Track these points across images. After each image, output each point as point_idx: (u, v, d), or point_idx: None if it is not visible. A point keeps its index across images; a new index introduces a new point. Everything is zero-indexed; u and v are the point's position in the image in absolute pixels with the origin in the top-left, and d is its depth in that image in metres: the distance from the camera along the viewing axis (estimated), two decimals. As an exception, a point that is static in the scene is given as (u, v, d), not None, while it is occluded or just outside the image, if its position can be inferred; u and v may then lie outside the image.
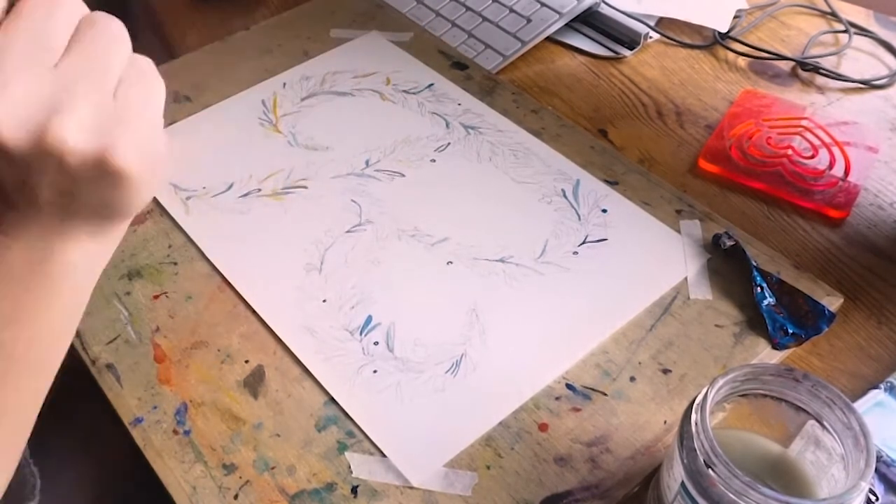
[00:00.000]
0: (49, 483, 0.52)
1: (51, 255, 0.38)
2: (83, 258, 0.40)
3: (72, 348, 0.55)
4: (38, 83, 0.33)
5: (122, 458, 0.46)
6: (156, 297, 0.57)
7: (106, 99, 0.35)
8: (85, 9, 0.36)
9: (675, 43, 0.81)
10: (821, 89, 0.75)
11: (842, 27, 0.80)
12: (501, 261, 0.58)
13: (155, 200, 0.64)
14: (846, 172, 0.65)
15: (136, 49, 0.37)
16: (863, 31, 0.80)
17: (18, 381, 0.40)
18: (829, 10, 0.83)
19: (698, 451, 0.38)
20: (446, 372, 0.52)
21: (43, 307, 0.39)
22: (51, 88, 0.34)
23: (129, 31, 0.37)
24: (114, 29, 0.36)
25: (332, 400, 0.51)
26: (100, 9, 0.37)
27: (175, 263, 0.59)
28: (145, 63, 0.37)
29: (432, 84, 0.73)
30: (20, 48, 0.33)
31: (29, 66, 0.33)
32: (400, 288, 0.57)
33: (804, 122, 0.69)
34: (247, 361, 0.54)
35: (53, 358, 0.41)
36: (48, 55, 0.34)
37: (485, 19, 0.82)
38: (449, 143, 0.67)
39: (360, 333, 0.54)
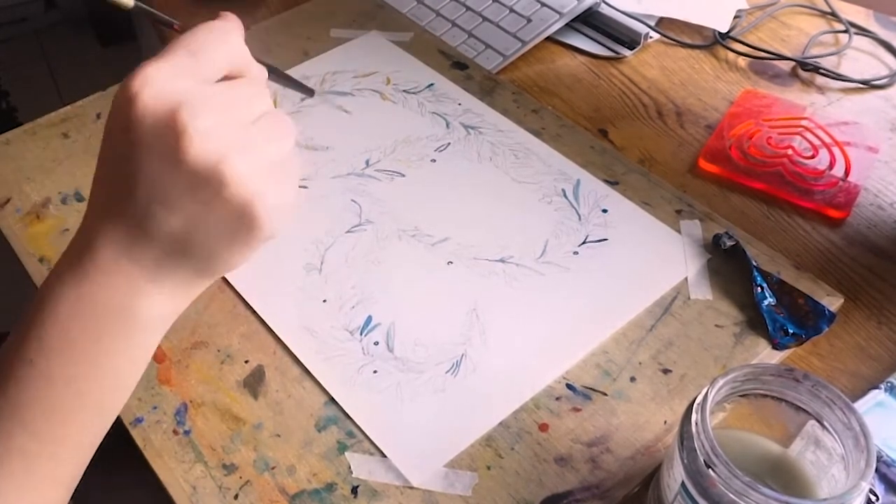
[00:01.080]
0: None
1: (136, 307, 0.39)
2: (160, 316, 0.41)
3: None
4: (228, 120, 0.36)
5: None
6: (156, 297, 0.57)
7: (274, 154, 0.38)
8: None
9: (675, 43, 0.81)
10: (821, 89, 0.75)
11: (842, 27, 0.80)
12: (502, 261, 0.58)
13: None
14: (846, 172, 0.65)
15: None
16: (863, 31, 0.80)
17: (85, 418, 0.40)
18: (829, 10, 0.83)
19: (698, 452, 0.38)
20: (446, 372, 0.52)
21: (119, 352, 0.40)
22: (237, 127, 0.37)
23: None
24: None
25: (332, 400, 0.51)
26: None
27: (175, 263, 0.59)
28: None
29: (432, 84, 0.73)
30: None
31: (220, 106, 0.36)
32: (400, 288, 0.57)
33: (804, 122, 0.69)
34: (247, 361, 0.54)
35: (117, 403, 0.42)
36: (208, 72, 0.38)
37: (485, 19, 0.82)
38: (449, 143, 0.67)
39: (361, 333, 0.54)
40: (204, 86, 0.36)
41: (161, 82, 0.35)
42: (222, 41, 0.39)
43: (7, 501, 0.39)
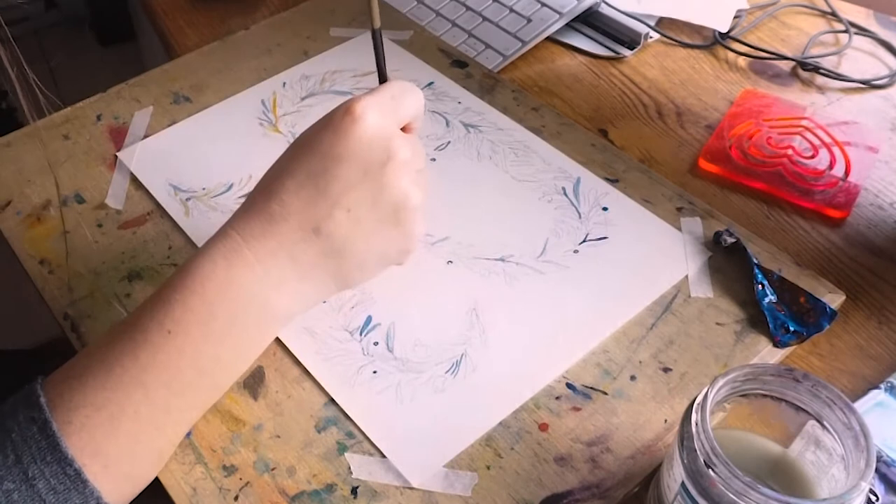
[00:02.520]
0: None
1: (277, 300, 0.45)
2: (291, 314, 0.47)
3: (71, 350, 0.55)
4: (416, 160, 0.47)
5: None
6: (156, 297, 0.57)
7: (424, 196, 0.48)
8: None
9: (675, 43, 0.81)
10: (821, 89, 0.75)
11: (842, 27, 0.80)
12: (502, 260, 0.58)
13: (154, 202, 0.64)
14: (846, 172, 0.65)
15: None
16: (863, 31, 0.80)
17: (199, 393, 0.45)
18: (829, 9, 0.82)
19: (698, 452, 0.38)
20: (446, 372, 0.52)
21: (248, 339, 0.45)
22: (419, 168, 0.47)
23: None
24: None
25: (332, 401, 0.51)
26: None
27: (175, 265, 0.59)
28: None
29: (432, 82, 0.73)
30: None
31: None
32: (400, 288, 0.57)
33: (804, 122, 0.69)
34: (247, 362, 0.54)
35: (227, 385, 0.47)
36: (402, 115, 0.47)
37: (485, 19, 0.82)
38: (449, 142, 0.67)
39: (360, 334, 0.54)
40: (399, 128, 0.46)
41: (378, 113, 0.44)
42: (414, 98, 0.47)
43: (108, 459, 0.41)
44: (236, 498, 0.47)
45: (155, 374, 0.42)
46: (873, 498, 0.43)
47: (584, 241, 0.59)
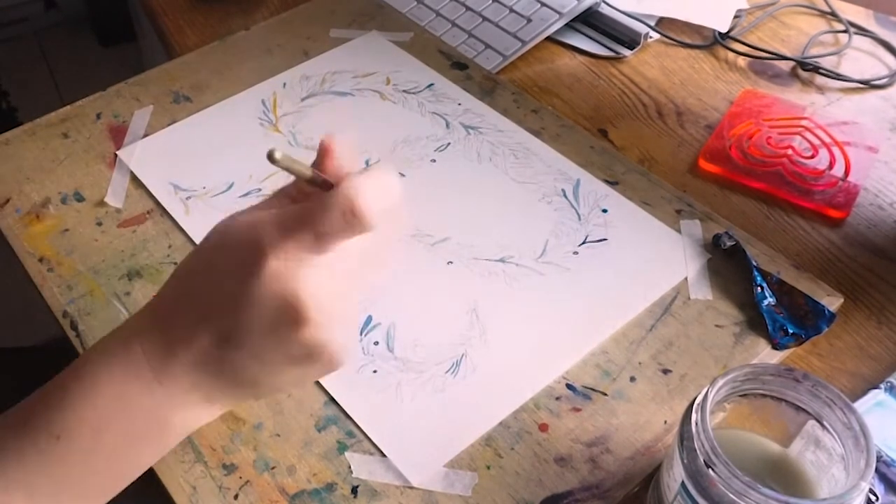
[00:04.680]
0: None
1: (179, 419, 0.40)
2: (196, 425, 0.42)
3: (71, 349, 0.55)
4: (317, 271, 0.37)
5: None
6: (156, 297, 0.57)
7: (355, 292, 0.40)
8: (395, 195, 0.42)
9: (675, 43, 0.81)
10: (821, 89, 0.75)
11: (842, 27, 0.80)
12: (502, 261, 0.58)
13: (154, 200, 0.64)
14: (846, 172, 0.65)
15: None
16: (863, 31, 0.80)
17: (89, 499, 0.41)
18: (829, 10, 0.83)
19: (698, 451, 0.38)
20: (446, 372, 0.52)
21: (144, 453, 0.41)
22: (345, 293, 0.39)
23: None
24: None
25: (332, 400, 0.51)
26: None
27: (175, 263, 0.59)
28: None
29: (432, 84, 0.73)
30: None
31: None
32: (400, 288, 0.57)
33: (804, 122, 0.69)
34: (247, 361, 0.53)
35: (119, 489, 0.42)
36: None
37: (485, 19, 0.82)
38: (449, 143, 0.67)
39: (361, 333, 0.54)
40: (323, 266, 0.37)
41: (287, 257, 0.36)
42: (352, 225, 0.38)
43: None
44: (236, 497, 0.47)
45: (41, 481, 0.39)
46: (873, 498, 0.43)
47: (583, 242, 0.59)
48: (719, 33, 0.80)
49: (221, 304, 0.38)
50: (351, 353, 0.42)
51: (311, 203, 0.37)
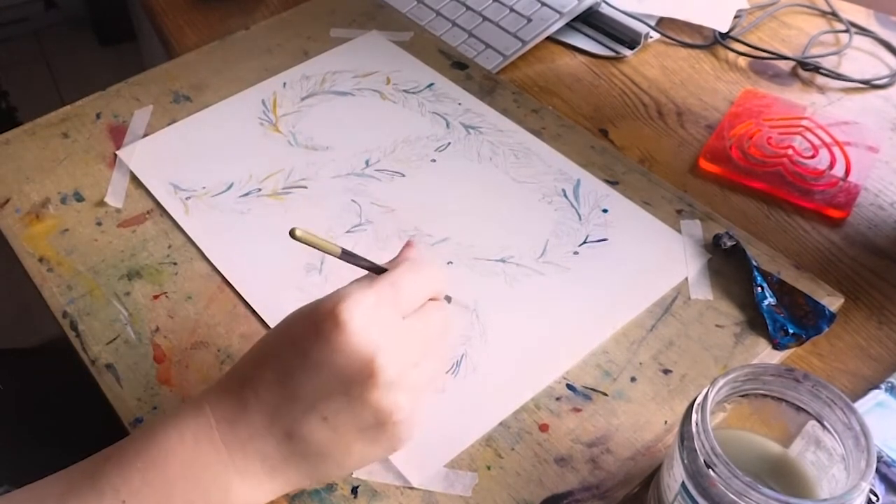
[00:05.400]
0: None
1: (241, 492, 0.40)
2: (255, 501, 0.42)
3: (72, 349, 0.55)
4: (414, 366, 0.41)
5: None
6: (156, 297, 0.57)
7: (432, 383, 0.43)
8: (443, 288, 0.44)
9: (675, 43, 0.81)
10: (821, 89, 0.75)
11: (842, 27, 0.80)
12: (502, 261, 0.58)
13: (154, 200, 0.64)
14: (846, 172, 0.65)
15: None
16: (863, 31, 0.80)
17: None
18: (829, 9, 0.83)
19: (699, 452, 0.38)
20: (446, 372, 0.52)
21: None
22: (418, 371, 0.41)
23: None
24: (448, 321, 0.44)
25: (333, 400, 0.51)
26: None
27: (175, 263, 0.59)
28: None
29: (432, 84, 0.73)
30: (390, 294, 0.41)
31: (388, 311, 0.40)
32: (400, 288, 0.57)
33: (804, 122, 0.69)
34: (247, 361, 0.53)
35: None
36: (407, 305, 0.41)
37: (485, 19, 0.82)
38: (449, 143, 0.67)
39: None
40: (400, 326, 0.40)
41: (366, 316, 0.39)
42: (423, 279, 0.43)
43: None
44: None
45: None
46: (873, 498, 0.43)
47: (584, 242, 0.59)
48: (720, 33, 0.80)
49: (296, 364, 0.39)
50: (417, 433, 0.43)
51: (385, 273, 0.42)
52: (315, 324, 0.39)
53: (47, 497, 0.40)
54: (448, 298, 0.49)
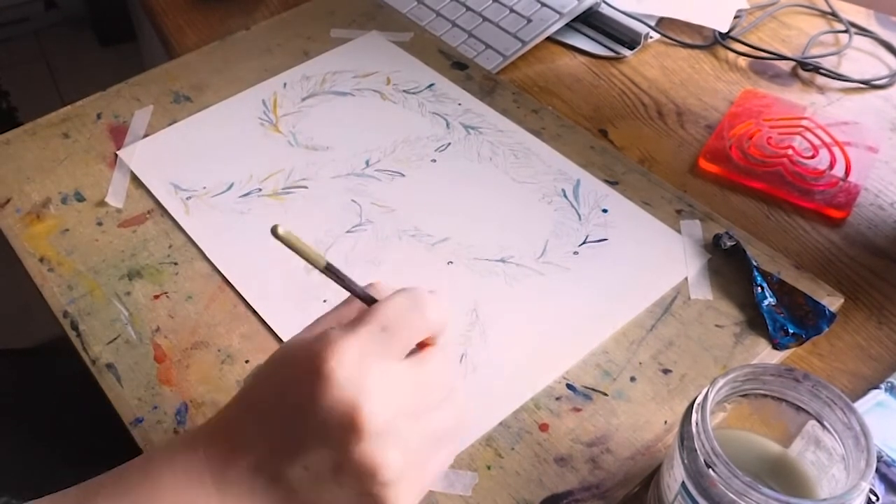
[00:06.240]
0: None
1: None
2: None
3: (72, 349, 0.55)
4: (405, 416, 0.36)
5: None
6: (156, 297, 0.57)
7: (435, 447, 0.38)
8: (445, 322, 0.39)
9: (675, 43, 0.81)
10: (821, 89, 0.75)
11: (842, 27, 0.80)
12: (502, 261, 0.58)
13: (154, 200, 0.64)
14: (846, 172, 0.65)
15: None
16: (863, 31, 0.80)
17: None
18: (829, 10, 0.83)
19: (699, 452, 0.38)
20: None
21: None
22: (411, 423, 0.37)
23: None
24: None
25: (333, 400, 0.51)
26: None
27: (175, 263, 0.59)
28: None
29: (432, 84, 0.73)
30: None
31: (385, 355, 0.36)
32: (400, 288, 0.57)
33: (804, 122, 0.69)
34: (247, 361, 0.54)
35: None
36: (399, 348, 0.37)
37: (485, 19, 0.82)
38: (449, 143, 0.67)
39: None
40: (390, 372, 0.36)
41: (351, 365, 0.35)
42: (416, 316, 0.38)
43: None
44: None
45: None
46: (873, 498, 0.43)
47: (583, 242, 0.59)
48: (719, 33, 0.80)
49: (278, 411, 0.38)
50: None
51: (376, 305, 0.37)
52: (299, 371, 0.37)
53: None
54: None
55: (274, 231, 0.35)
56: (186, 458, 0.39)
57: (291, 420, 0.37)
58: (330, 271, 0.38)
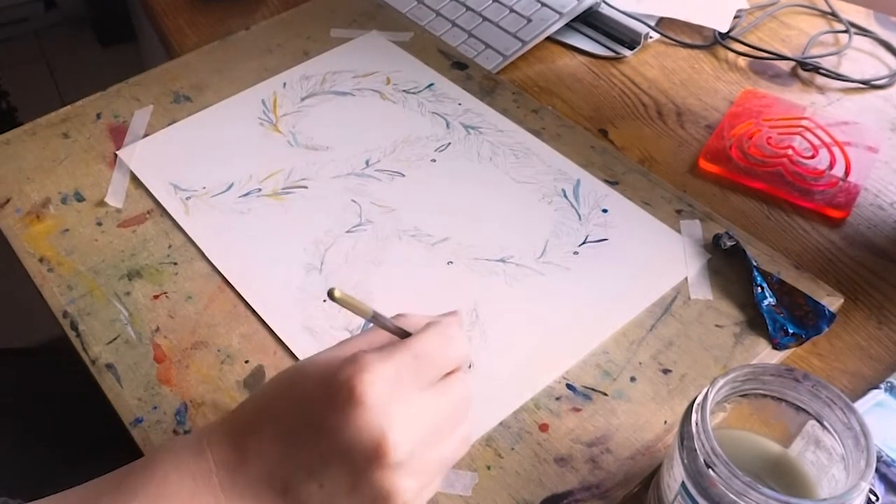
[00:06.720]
0: None
1: None
2: None
3: (72, 349, 0.55)
4: (428, 448, 0.38)
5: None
6: (156, 297, 0.57)
7: (443, 467, 0.39)
8: (466, 358, 0.41)
9: (675, 43, 0.81)
10: (821, 89, 0.75)
11: (842, 27, 0.80)
12: (502, 261, 0.58)
13: (154, 200, 0.64)
14: (846, 172, 0.65)
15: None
16: (863, 31, 0.80)
17: None
18: (829, 10, 0.83)
19: (699, 452, 0.38)
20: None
21: None
22: (431, 454, 0.38)
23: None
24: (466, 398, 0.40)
25: (333, 400, 0.51)
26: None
27: (175, 263, 0.59)
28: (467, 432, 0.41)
29: (432, 84, 0.73)
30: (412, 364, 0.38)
31: (416, 381, 0.38)
32: (400, 288, 0.57)
33: (804, 122, 0.69)
34: (247, 361, 0.54)
35: None
36: (429, 378, 0.38)
37: (485, 19, 0.82)
38: (449, 143, 0.67)
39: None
40: (417, 402, 0.37)
41: (384, 390, 0.36)
42: (447, 351, 0.39)
43: None
44: None
45: None
46: (873, 498, 0.43)
47: (583, 242, 0.59)
48: (719, 33, 0.80)
49: (301, 426, 0.37)
50: None
51: (409, 337, 0.38)
52: (328, 390, 0.37)
53: None
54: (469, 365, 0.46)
55: (331, 295, 0.36)
56: (194, 462, 0.39)
57: (315, 436, 0.37)
58: (376, 318, 0.39)
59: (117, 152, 0.67)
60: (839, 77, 0.75)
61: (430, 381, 0.38)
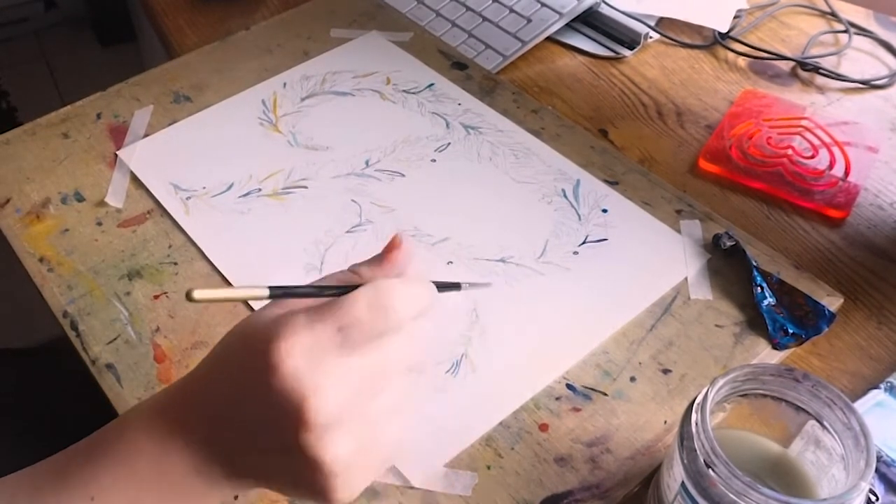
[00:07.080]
0: None
1: (205, 488, 0.39)
2: (225, 497, 0.41)
3: (72, 349, 0.55)
4: (352, 410, 0.36)
5: None
6: (156, 297, 0.57)
7: (381, 436, 0.38)
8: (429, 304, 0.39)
9: (675, 43, 0.81)
10: (821, 89, 0.75)
11: (842, 27, 0.80)
12: (502, 261, 0.58)
13: (154, 200, 0.64)
14: (846, 172, 0.65)
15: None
16: (863, 31, 0.80)
17: None
18: (829, 10, 0.83)
19: (698, 452, 0.38)
20: (446, 372, 0.52)
21: None
22: (358, 414, 0.37)
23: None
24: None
25: (333, 400, 0.51)
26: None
27: (175, 263, 0.59)
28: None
29: (432, 84, 0.73)
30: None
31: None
32: (400, 288, 0.57)
33: (804, 122, 0.69)
34: (247, 361, 0.53)
35: None
36: (353, 345, 0.36)
37: (485, 19, 0.82)
38: (449, 143, 0.67)
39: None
40: (342, 366, 0.36)
41: (301, 358, 0.35)
42: (376, 316, 0.37)
43: None
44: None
45: None
46: (873, 498, 0.43)
47: (583, 242, 0.59)
48: (719, 33, 0.80)
49: (229, 392, 0.38)
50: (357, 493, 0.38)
51: (340, 299, 0.36)
52: (247, 356, 0.37)
53: (17, 495, 0.39)
54: (458, 286, 0.44)
55: (189, 296, 0.34)
56: (161, 419, 0.39)
57: (242, 403, 0.37)
58: (281, 291, 0.37)
59: (117, 152, 0.67)
60: (839, 77, 0.75)
61: (356, 347, 0.36)
